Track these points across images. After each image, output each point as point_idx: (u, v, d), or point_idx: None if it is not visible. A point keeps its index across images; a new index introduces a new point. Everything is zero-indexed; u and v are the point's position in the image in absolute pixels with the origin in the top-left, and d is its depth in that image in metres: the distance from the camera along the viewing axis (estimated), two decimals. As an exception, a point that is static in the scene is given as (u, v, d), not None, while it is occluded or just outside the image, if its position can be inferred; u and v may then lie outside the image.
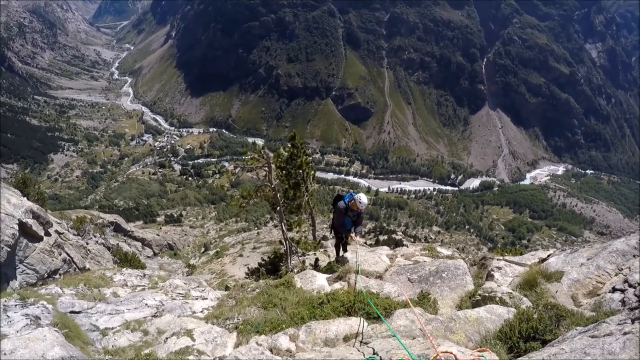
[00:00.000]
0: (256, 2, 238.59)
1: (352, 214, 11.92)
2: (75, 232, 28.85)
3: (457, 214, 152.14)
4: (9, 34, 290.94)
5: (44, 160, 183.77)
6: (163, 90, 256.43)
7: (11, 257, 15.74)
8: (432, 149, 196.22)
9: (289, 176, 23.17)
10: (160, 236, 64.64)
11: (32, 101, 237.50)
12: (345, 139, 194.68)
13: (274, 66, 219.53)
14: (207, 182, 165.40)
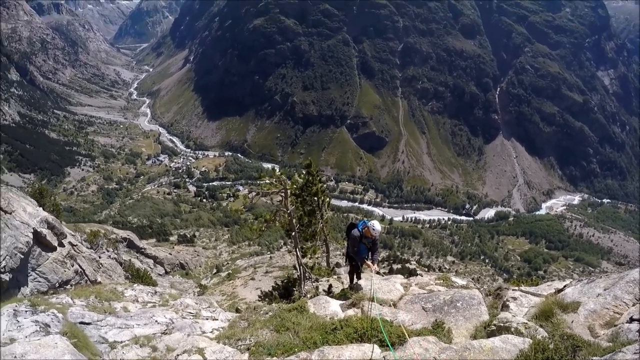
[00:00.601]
0: (272, 30, 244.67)
1: (367, 241, 12.24)
2: (89, 245, 29.70)
3: (472, 244, 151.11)
4: (31, 48, 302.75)
5: (61, 173, 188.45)
6: (180, 113, 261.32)
7: (24, 264, 16.32)
8: (447, 178, 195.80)
9: (304, 203, 23.55)
10: (172, 255, 65.72)
11: (52, 115, 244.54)
12: (359, 167, 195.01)
13: (289, 93, 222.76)
14: (221, 205, 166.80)
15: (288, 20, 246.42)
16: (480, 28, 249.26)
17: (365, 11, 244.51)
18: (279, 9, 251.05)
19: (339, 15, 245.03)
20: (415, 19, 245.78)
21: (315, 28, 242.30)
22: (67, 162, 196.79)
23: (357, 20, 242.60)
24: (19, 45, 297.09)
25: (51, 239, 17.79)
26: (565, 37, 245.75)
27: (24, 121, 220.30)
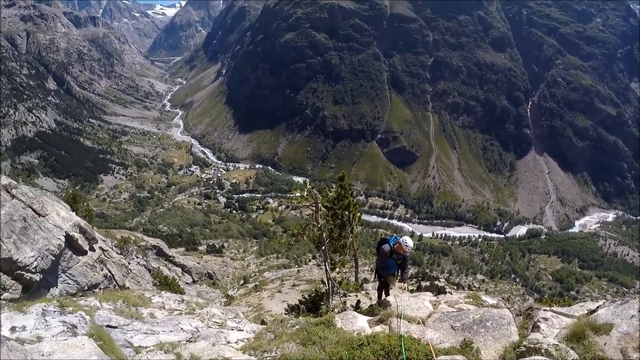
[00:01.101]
0: (303, 44, 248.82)
1: (396, 257, 12.29)
2: (119, 251, 30.52)
3: (502, 263, 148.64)
4: (68, 59, 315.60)
5: (94, 180, 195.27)
6: (212, 125, 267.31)
7: (55, 266, 16.73)
8: (478, 194, 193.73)
9: (335, 216, 23.65)
10: (200, 265, 66.55)
11: (87, 124, 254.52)
12: (389, 182, 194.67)
13: (320, 107, 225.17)
14: (250, 217, 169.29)
15: (319, 35, 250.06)
16: (510, 41, 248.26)
17: (395, 25, 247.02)
18: (309, 24, 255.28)
19: (369, 30, 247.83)
20: (445, 33, 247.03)
21: (345, 43, 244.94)
22: (101, 170, 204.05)
23: (387, 34, 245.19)
24: (57, 55, 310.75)
25: (82, 243, 18.61)
26: (597, 48, 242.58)
27: (60, 128, 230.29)
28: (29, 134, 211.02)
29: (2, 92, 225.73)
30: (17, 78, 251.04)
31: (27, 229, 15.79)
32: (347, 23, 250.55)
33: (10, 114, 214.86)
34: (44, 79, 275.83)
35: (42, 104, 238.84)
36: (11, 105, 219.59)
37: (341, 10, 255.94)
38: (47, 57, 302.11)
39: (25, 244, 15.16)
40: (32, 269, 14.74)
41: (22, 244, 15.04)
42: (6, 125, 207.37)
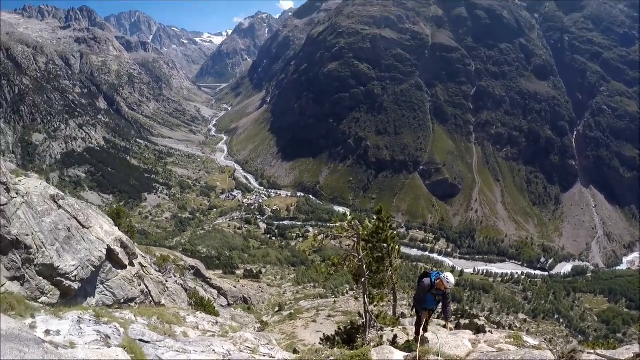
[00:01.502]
0: (346, 74, 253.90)
1: (436, 293, 12.19)
2: (157, 268, 31.44)
3: (545, 302, 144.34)
4: (119, 81, 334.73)
5: (138, 198, 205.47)
6: (256, 151, 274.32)
7: (94, 277, 17.54)
8: (522, 229, 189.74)
9: (374, 249, 23.48)
10: (236, 288, 66.55)
11: (135, 143, 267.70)
12: (431, 215, 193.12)
13: (363, 137, 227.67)
14: (289, 244, 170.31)
15: (362, 65, 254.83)
16: (553, 68, 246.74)
17: (437, 55, 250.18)
18: (352, 54, 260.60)
19: (411, 60, 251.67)
20: (487, 62, 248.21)
21: (388, 73, 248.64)
22: (145, 188, 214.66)
23: (429, 64, 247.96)
24: (108, 77, 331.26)
25: (123, 257, 19.49)
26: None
27: (108, 146, 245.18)
28: (78, 149, 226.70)
29: (55, 107, 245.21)
30: (70, 96, 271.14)
31: (71, 239, 16.99)
32: (390, 53, 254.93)
33: (62, 129, 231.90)
34: (96, 98, 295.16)
35: (93, 122, 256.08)
36: (63, 121, 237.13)
37: (384, 40, 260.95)
38: (99, 78, 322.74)
39: (67, 253, 16.34)
40: (72, 277, 15.89)
41: (64, 253, 16.23)
42: (57, 139, 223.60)
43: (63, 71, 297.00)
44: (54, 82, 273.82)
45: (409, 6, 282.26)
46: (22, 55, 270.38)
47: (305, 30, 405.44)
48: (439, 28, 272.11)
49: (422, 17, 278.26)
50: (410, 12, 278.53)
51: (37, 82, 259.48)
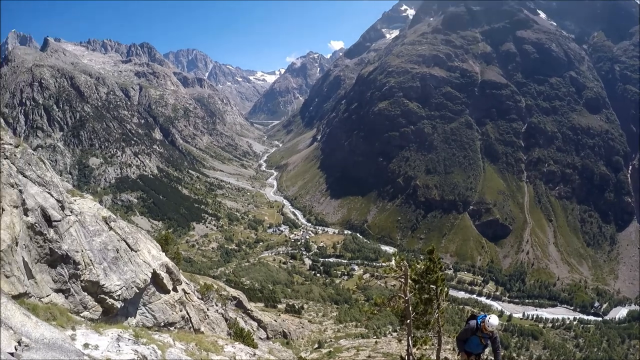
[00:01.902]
0: (396, 113, 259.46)
1: (482, 336, 12.29)
2: (200, 296, 32.21)
3: (598, 349, 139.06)
4: (175, 114, 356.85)
5: (187, 226, 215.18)
6: (305, 188, 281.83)
7: (137, 298, 18.26)
8: (575, 271, 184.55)
9: (422, 290, 23.40)
10: (277, 322, 66.33)
11: (187, 174, 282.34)
12: (480, 256, 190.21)
13: (412, 176, 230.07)
14: (334, 282, 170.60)
15: (411, 103, 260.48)
16: (605, 101, 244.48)
17: (487, 92, 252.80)
18: (402, 93, 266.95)
19: (460, 98, 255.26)
20: (538, 97, 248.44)
21: (438, 111, 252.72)
22: (194, 218, 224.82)
23: (479, 101, 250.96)
24: (165, 110, 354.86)
25: (167, 282, 20.26)
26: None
27: (161, 175, 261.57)
28: (132, 175, 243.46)
29: (113, 135, 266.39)
30: (128, 125, 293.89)
31: (118, 260, 17.70)
32: (439, 91, 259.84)
33: (118, 155, 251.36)
34: (152, 129, 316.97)
35: (148, 151, 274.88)
36: (119, 148, 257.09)
37: (433, 78, 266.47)
38: (156, 110, 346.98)
39: (114, 273, 17.05)
40: (116, 296, 16.64)
41: (110, 272, 16.93)
42: (112, 165, 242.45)
43: (122, 102, 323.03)
44: (113, 111, 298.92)
45: (457, 44, 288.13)
46: (85, 84, 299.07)
47: (355, 69, 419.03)
48: (487, 65, 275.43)
49: (471, 55, 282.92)
50: (459, 50, 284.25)
51: (98, 110, 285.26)
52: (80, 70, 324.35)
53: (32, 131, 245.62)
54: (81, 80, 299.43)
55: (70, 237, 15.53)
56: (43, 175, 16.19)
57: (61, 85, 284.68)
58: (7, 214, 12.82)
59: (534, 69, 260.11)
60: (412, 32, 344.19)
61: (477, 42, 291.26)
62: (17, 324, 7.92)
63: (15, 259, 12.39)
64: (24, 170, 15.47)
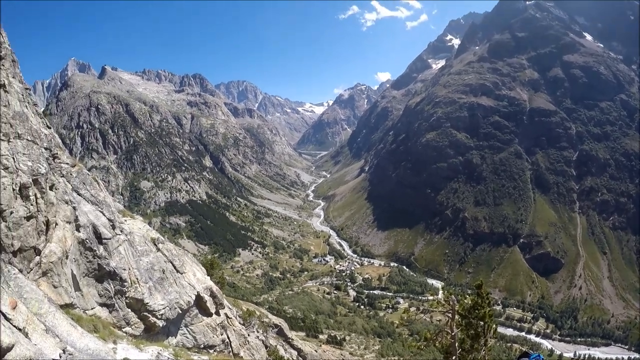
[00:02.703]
0: (444, 144, 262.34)
1: None
2: (242, 321, 32.45)
3: None
4: (225, 143, 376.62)
5: (233, 252, 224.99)
6: (352, 219, 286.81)
7: (179, 319, 18.68)
8: (630, 307, 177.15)
9: (469, 326, 23.21)
10: (317, 353, 65.70)
11: (234, 201, 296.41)
12: (530, 292, 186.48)
13: (460, 208, 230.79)
14: (378, 314, 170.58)
15: (459, 134, 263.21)
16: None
17: (536, 120, 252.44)
18: (450, 123, 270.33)
19: (509, 127, 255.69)
20: (588, 123, 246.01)
21: (486, 141, 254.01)
22: (240, 244, 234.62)
23: (528, 130, 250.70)
24: (215, 138, 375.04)
25: (210, 305, 20.75)
26: None
27: (209, 201, 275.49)
28: (181, 200, 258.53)
29: (164, 160, 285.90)
30: (179, 151, 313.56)
31: (164, 281, 18.26)
32: (487, 121, 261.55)
33: (168, 180, 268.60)
34: (202, 156, 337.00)
35: (197, 177, 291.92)
36: (170, 173, 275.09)
37: (481, 108, 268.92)
38: (206, 138, 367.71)
39: (158, 292, 17.58)
40: (159, 315, 17.21)
41: (155, 292, 17.48)
42: (163, 189, 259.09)
43: (175, 129, 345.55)
44: (165, 138, 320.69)
45: (503, 72, 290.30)
46: (140, 111, 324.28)
47: (402, 100, 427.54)
48: (535, 92, 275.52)
49: (518, 82, 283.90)
50: (506, 78, 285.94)
51: (151, 136, 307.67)
52: (135, 98, 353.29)
53: (87, 152, 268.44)
54: (136, 107, 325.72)
55: (118, 255, 16.78)
56: (96, 194, 18.01)
57: (117, 111, 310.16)
58: (60, 229, 14.24)
59: (583, 94, 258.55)
60: (458, 61, 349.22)
61: (524, 68, 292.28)
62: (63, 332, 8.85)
63: (64, 271, 13.62)
64: (78, 188, 17.30)
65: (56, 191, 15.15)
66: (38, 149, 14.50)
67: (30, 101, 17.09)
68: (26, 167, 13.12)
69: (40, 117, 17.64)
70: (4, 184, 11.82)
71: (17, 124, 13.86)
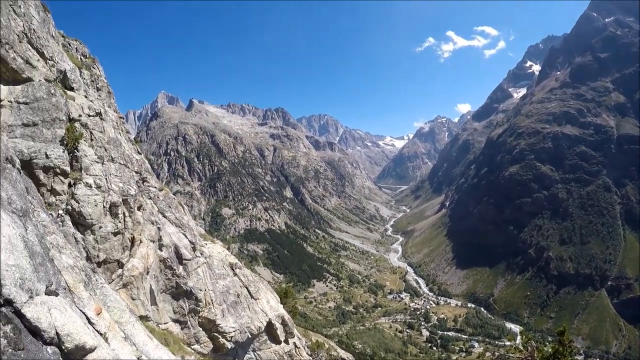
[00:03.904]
0: (528, 177, 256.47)
1: None
2: (309, 352, 32.70)
3: None
4: (306, 175, 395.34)
5: (307, 283, 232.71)
6: (430, 256, 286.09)
7: (248, 343, 19.49)
8: None
9: None
10: None
11: (313, 232, 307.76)
12: (617, 341, 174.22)
13: (544, 247, 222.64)
14: (450, 357, 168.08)
15: (544, 166, 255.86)
16: None
17: (624, 148, 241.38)
18: (534, 155, 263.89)
19: (596, 157, 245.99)
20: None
21: (572, 173, 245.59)
22: (315, 275, 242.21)
23: (616, 160, 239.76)
24: (296, 170, 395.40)
25: (280, 333, 21.44)
26: None
27: (288, 231, 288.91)
28: (260, 228, 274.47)
29: (246, 189, 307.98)
30: (260, 182, 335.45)
31: (237, 305, 19.24)
32: (573, 151, 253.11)
33: (249, 209, 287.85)
34: (283, 187, 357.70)
35: (277, 207, 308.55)
36: (251, 202, 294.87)
37: (565, 138, 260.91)
38: (288, 170, 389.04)
39: (231, 315, 18.54)
40: (229, 337, 17.99)
41: (228, 314, 18.49)
42: (243, 217, 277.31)
43: (257, 160, 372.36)
44: (248, 168, 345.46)
45: (588, 97, 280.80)
46: (224, 142, 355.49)
47: (484, 132, 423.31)
48: (622, 117, 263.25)
49: (604, 107, 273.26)
50: (591, 104, 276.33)
51: (234, 166, 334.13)
52: (221, 129, 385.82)
53: (173, 178, 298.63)
54: (221, 138, 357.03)
55: (197, 275, 17.83)
56: (180, 217, 19.40)
57: (202, 141, 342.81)
58: (144, 246, 15.44)
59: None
60: (540, 88, 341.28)
61: (609, 92, 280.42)
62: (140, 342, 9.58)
63: (143, 285, 14.67)
64: (164, 211, 18.70)
65: (143, 211, 17.24)
66: (129, 172, 17.12)
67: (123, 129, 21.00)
68: (117, 187, 15.24)
69: (132, 144, 21.64)
70: (95, 201, 13.73)
71: (111, 149, 16.53)
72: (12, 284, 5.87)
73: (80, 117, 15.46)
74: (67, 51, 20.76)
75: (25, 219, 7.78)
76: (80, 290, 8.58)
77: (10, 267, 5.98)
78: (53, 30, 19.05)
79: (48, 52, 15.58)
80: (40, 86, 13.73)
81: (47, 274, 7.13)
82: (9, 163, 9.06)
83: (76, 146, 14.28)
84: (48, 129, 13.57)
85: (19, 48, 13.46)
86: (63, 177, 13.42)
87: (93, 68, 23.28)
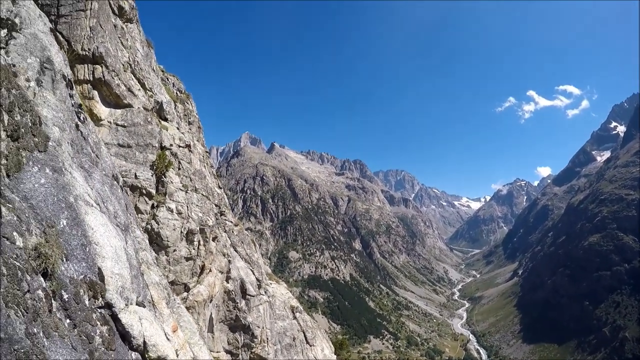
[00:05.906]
0: (609, 248, 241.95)
1: None
2: None
3: None
4: (377, 229, 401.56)
5: (363, 337, 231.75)
6: (496, 326, 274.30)
7: None
8: None
9: None
10: None
11: (377, 288, 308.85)
12: None
13: (621, 326, 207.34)
14: None
15: (626, 237, 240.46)
16: None
17: None
18: (616, 224, 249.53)
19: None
20: None
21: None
22: (372, 331, 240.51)
23: None
24: (368, 223, 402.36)
25: None
26: None
27: (351, 282, 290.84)
28: (324, 276, 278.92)
29: (316, 236, 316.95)
30: (331, 230, 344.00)
31: (291, 348, 20.26)
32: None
33: (316, 255, 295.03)
34: (353, 238, 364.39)
35: (344, 258, 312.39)
36: (319, 249, 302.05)
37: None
38: (360, 222, 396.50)
39: (283, 356, 19.56)
40: None
41: (280, 355, 19.46)
42: (309, 262, 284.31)
43: (330, 209, 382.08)
44: (320, 215, 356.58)
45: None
46: (300, 187, 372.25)
47: (564, 198, 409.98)
48: None
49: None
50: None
51: (307, 211, 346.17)
52: (298, 174, 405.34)
53: (246, 215, 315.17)
54: (297, 183, 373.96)
55: (257, 312, 18.95)
56: (251, 254, 20.63)
57: (279, 184, 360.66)
58: (213, 275, 16.61)
59: None
60: (625, 151, 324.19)
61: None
62: None
63: (204, 312, 15.80)
64: (236, 245, 19.90)
65: (217, 243, 18.48)
66: (210, 204, 18.35)
67: (208, 163, 22.68)
68: (197, 216, 16.60)
69: (215, 178, 23.28)
70: (174, 225, 15.12)
71: (196, 180, 17.86)
72: (115, 290, 6.95)
73: (171, 147, 17.28)
74: (165, 85, 23.70)
75: (126, 234, 9.06)
76: (162, 306, 9.71)
77: (115, 274, 7.09)
78: (154, 64, 21.77)
79: (148, 83, 17.97)
80: (138, 113, 15.75)
81: (139, 286, 8.20)
82: (115, 180, 10.37)
83: (164, 172, 16.08)
84: (141, 152, 15.40)
85: (123, 76, 15.55)
86: (148, 198, 15.15)
87: (187, 103, 26.11)
